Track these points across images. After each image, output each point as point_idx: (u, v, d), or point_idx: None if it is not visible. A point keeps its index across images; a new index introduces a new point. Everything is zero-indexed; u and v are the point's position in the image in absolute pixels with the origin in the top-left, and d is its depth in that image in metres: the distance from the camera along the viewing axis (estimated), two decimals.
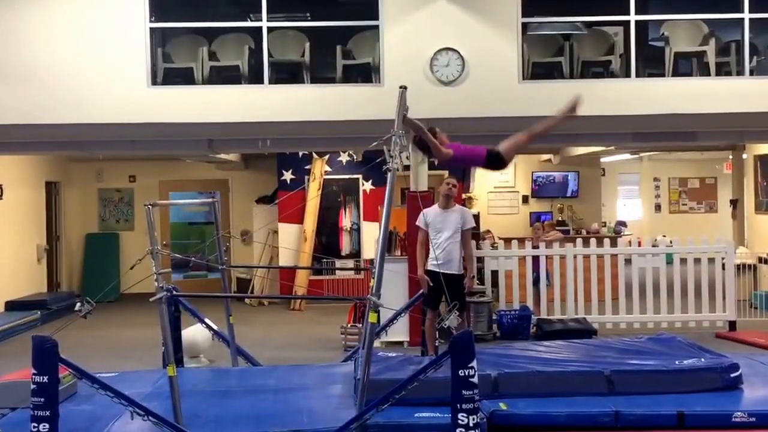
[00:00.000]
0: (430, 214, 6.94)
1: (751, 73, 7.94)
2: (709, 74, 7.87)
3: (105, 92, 7.53)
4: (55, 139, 8.70)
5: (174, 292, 5.47)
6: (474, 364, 3.91)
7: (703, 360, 5.22)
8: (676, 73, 7.98)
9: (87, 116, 7.56)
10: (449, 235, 6.89)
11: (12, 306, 10.46)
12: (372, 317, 4.32)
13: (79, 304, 4.09)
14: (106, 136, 8.54)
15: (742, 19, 7.75)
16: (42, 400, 3.81)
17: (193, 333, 7.26)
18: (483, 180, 14.64)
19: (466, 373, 3.88)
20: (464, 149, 5.10)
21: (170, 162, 12.72)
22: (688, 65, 8.24)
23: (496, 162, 5.06)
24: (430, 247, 6.87)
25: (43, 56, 7.52)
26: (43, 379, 3.81)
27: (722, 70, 8.00)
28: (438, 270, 6.62)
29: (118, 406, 4.18)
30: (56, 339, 3.91)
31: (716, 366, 5.07)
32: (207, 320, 6.58)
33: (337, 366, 6.11)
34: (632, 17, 7.75)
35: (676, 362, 5.20)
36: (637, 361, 5.31)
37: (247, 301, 11.92)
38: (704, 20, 8.13)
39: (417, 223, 7.15)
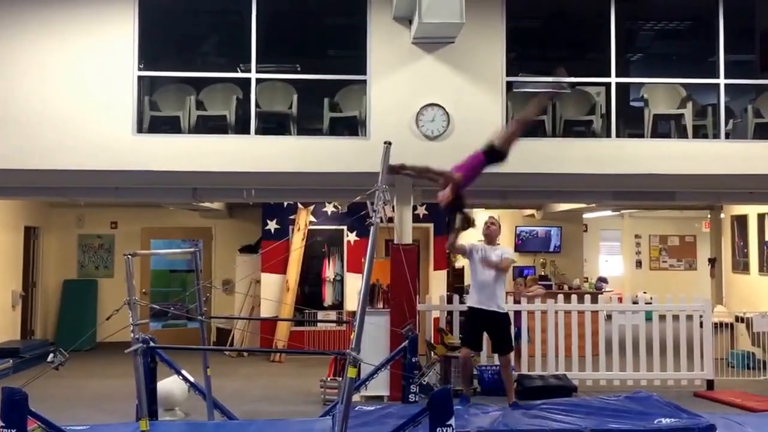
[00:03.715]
0: (478, 246, 7.29)
1: (727, 136, 8.13)
2: (686, 136, 8.07)
3: (90, 138, 7.52)
4: (38, 184, 8.65)
5: (151, 344, 5.38)
6: (452, 421, 3.88)
7: (680, 420, 5.23)
8: (654, 134, 8.18)
9: (71, 162, 7.54)
10: (492, 272, 7.07)
11: None
12: (351, 372, 4.27)
13: (51, 355, 4.01)
14: (90, 182, 8.51)
15: (718, 85, 8.00)
16: None
17: (170, 385, 7.10)
18: (467, 234, 14.67)
19: None
20: (466, 165, 5.21)
21: (153, 209, 12.66)
22: (667, 126, 8.45)
23: (495, 156, 5.18)
24: (471, 283, 7.14)
25: (29, 101, 7.53)
26: None
27: (699, 133, 8.21)
28: (480, 306, 6.57)
29: None
30: (27, 390, 3.84)
31: (693, 426, 5.09)
32: (183, 372, 6.45)
33: (315, 421, 6.00)
34: (613, 79, 7.97)
35: (655, 422, 5.20)
36: (616, 421, 5.29)
37: (226, 351, 11.74)
38: (682, 84, 8.37)
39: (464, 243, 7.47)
